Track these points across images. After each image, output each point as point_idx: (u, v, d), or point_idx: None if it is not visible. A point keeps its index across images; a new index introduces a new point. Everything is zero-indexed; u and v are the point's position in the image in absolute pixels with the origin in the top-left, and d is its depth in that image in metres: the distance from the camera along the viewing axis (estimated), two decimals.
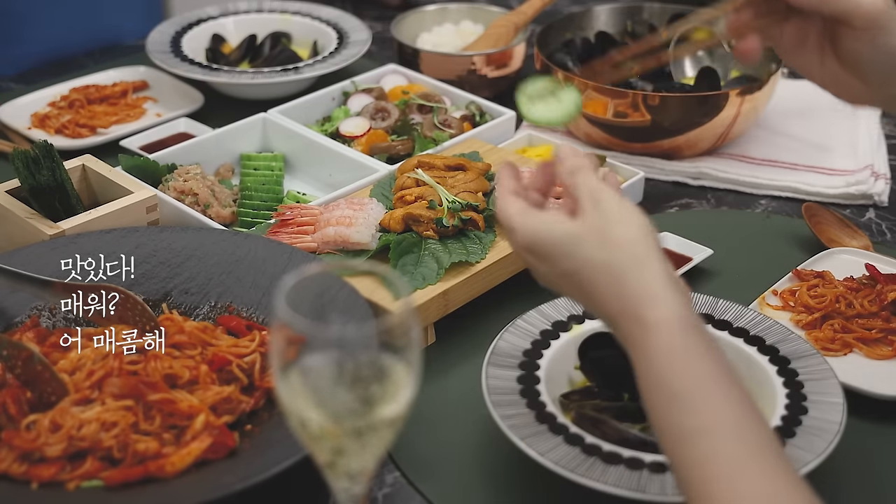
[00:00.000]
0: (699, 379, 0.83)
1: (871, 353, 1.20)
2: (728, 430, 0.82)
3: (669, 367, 0.84)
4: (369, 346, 0.78)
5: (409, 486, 1.06)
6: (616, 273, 0.87)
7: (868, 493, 1.05)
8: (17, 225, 1.29)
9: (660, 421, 0.84)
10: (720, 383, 0.84)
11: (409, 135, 1.59)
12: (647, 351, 0.85)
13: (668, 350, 0.84)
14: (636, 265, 0.87)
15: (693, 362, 0.84)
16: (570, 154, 0.94)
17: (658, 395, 0.84)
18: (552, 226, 0.90)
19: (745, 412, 0.83)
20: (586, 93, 1.58)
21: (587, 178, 0.91)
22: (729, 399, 0.83)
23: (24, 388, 1.04)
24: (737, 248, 1.42)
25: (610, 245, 0.88)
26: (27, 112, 1.72)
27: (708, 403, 0.83)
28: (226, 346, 1.10)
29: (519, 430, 1.01)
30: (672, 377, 0.84)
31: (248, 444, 1.03)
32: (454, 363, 1.21)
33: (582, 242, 0.89)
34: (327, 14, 1.95)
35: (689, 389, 0.83)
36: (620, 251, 0.87)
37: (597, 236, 0.88)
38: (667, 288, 0.86)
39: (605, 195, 0.90)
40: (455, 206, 1.31)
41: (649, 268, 0.87)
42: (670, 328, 0.85)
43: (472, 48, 1.83)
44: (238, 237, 1.26)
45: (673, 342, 0.84)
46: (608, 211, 0.89)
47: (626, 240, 0.88)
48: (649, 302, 0.86)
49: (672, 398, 0.83)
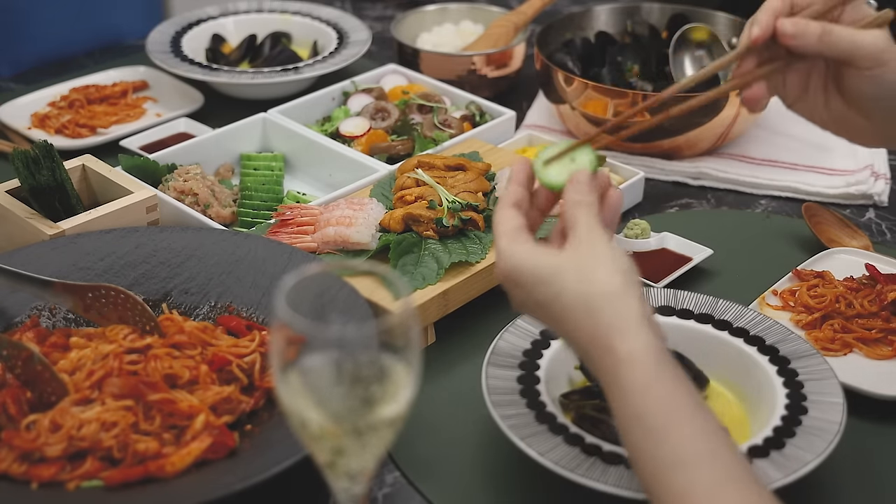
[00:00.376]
0: (673, 411, 0.84)
1: (871, 353, 1.20)
2: (705, 460, 0.82)
3: (643, 399, 0.85)
4: (369, 346, 0.78)
5: (409, 486, 1.06)
6: (591, 306, 0.88)
7: (868, 493, 1.05)
8: (17, 225, 1.29)
9: (636, 452, 0.85)
10: (694, 414, 0.85)
11: (409, 135, 1.59)
12: (620, 382, 0.86)
13: (641, 383, 0.85)
14: (612, 299, 0.88)
15: (666, 394, 0.85)
16: (583, 184, 0.93)
17: (633, 428, 0.85)
18: (536, 256, 0.91)
19: (719, 442, 0.84)
20: (586, 92, 1.58)
21: (588, 216, 0.92)
22: (703, 430, 0.84)
23: (24, 388, 1.04)
24: (737, 248, 1.42)
25: (589, 281, 0.88)
26: (27, 112, 1.72)
27: (684, 435, 0.83)
28: (226, 346, 1.10)
29: (519, 430, 1.01)
30: (646, 411, 0.84)
31: (248, 444, 1.03)
32: (454, 363, 1.21)
33: (561, 273, 0.89)
34: (327, 14, 1.95)
35: (664, 422, 0.84)
36: (598, 287, 0.88)
37: (578, 271, 0.89)
38: (640, 323, 0.87)
39: (597, 236, 0.91)
40: (455, 206, 1.31)
41: (625, 303, 0.88)
42: (641, 360, 0.85)
43: (472, 48, 1.83)
44: (238, 237, 1.26)
45: (645, 375, 0.85)
46: (596, 252, 0.90)
47: (607, 279, 0.88)
48: (621, 334, 0.86)
49: (648, 431, 0.84)
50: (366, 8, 2.25)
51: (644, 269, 1.34)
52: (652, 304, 1.19)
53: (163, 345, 1.08)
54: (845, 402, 1.05)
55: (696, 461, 0.82)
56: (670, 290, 1.21)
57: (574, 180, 0.94)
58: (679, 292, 1.20)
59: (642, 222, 1.41)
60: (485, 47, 1.81)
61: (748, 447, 1.00)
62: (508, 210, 0.95)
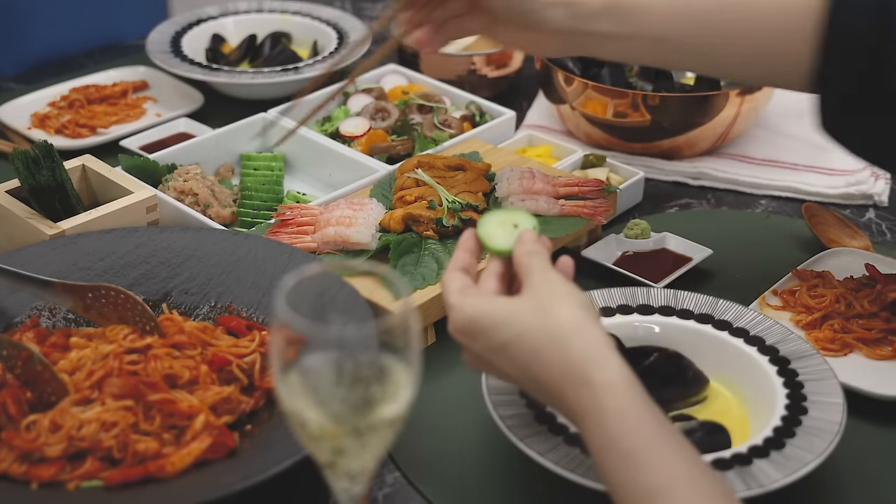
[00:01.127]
0: (651, 437, 0.84)
1: (871, 353, 1.20)
2: (683, 485, 0.82)
3: (621, 427, 0.84)
4: (369, 347, 0.78)
5: (409, 486, 1.06)
6: (557, 337, 0.87)
7: (868, 493, 1.05)
8: (17, 225, 1.29)
9: (614, 480, 0.85)
10: (670, 440, 0.85)
11: (409, 135, 1.59)
12: (599, 413, 0.85)
13: (619, 411, 0.85)
14: (576, 330, 0.88)
15: (643, 421, 0.85)
16: (530, 241, 0.95)
17: (612, 455, 0.85)
18: (491, 302, 0.91)
19: (696, 466, 0.84)
20: (586, 92, 1.58)
21: (540, 262, 0.92)
22: (679, 455, 0.84)
23: (24, 388, 1.04)
24: (737, 248, 1.42)
25: (548, 315, 0.88)
26: (27, 112, 1.72)
27: (662, 461, 0.83)
28: (226, 346, 1.10)
29: (519, 430, 1.01)
30: (625, 438, 0.84)
31: (248, 444, 1.03)
32: (454, 363, 1.21)
33: (521, 313, 0.89)
34: (327, 14, 1.95)
35: (643, 448, 0.84)
36: (559, 320, 0.88)
37: (538, 308, 0.89)
38: (609, 349, 0.87)
39: (553, 277, 0.91)
40: (455, 206, 1.31)
41: (589, 332, 0.88)
42: (618, 389, 0.85)
43: (472, 48, 1.83)
44: (238, 237, 1.26)
45: (623, 403, 0.85)
46: (553, 290, 0.90)
47: (569, 312, 0.88)
48: (595, 364, 0.86)
49: (626, 458, 0.84)
50: (366, 8, 2.25)
51: (644, 269, 1.34)
52: (652, 304, 1.19)
53: (163, 345, 1.08)
54: (845, 402, 1.05)
55: (674, 487, 0.82)
56: (670, 290, 1.21)
57: (521, 239, 0.95)
58: (679, 292, 1.20)
59: (642, 222, 1.41)
60: (485, 47, 1.81)
61: (748, 447, 1.00)
62: (455, 272, 0.95)
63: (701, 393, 1.12)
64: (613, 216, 1.45)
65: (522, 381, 0.91)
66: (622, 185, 1.48)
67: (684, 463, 0.84)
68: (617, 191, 1.43)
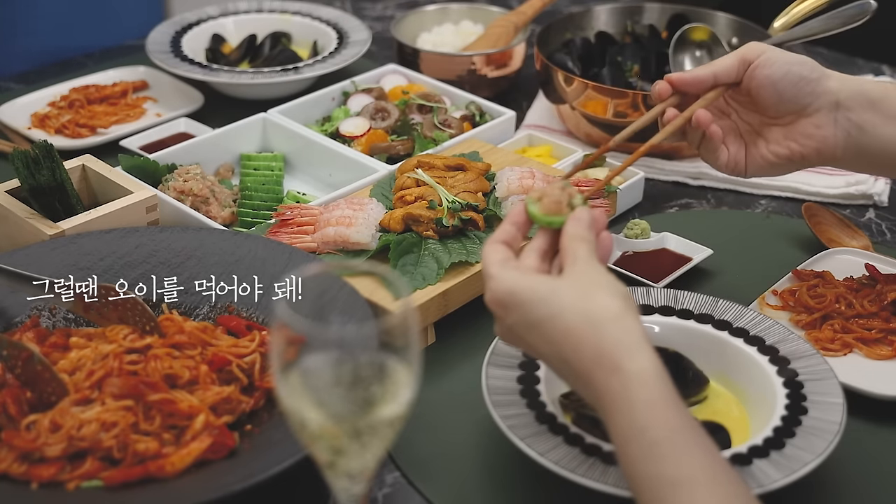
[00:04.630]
0: (677, 429, 0.85)
1: (871, 353, 1.20)
2: (706, 479, 0.83)
3: (651, 417, 0.85)
4: (369, 347, 0.78)
5: (409, 486, 1.06)
6: (594, 321, 0.88)
7: (868, 493, 1.05)
8: (17, 225, 1.29)
9: (637, 470, 0.85)
10: (695, 434, 0.85)
11: (409, 135, 1.59)
12: (630, 401, 0.85)
13: (648, 401, 0.85)
14: (614, 318, 0.88)
15: (671, 413, 0.85)
16: (584, 221, 0.94)
17: (637, 445, 0.85)
18: (533, 277, 0.91)
19: (718, 462, 0.85)
20: (586, 92, 1.58)
21: (588, 251, 0.92)
22: (703, 449, 0.85)
23: (24, 388, 1.04)
24: (737, 248, 1.42)
25: (588, 299, 0.89)
26: (27, 112, 1.72)
27: (687, 453, 0.84)
28: (226, 346, 1.10)
29: (519, 430, 1.01)
30: (653, 427, 0.84)
31: (248, 444, 1.03)
32: (454, 363, 1.21)
33: (560, 292, 0.89)
34: (327, 14, 1.95)
35: (670, 439, 0.84)
36: (598, 306, 0.88)
37: (578, 291, 0.89)
38: (643, 340, 0.88)
39: (595, 267, 0.91)
40: (455, 206, 1.31)
41: (626, 321, 0.88)
42: (649, 379, 0.86)
43: (472, 48, 1.83)
44: (238, 237, 1.26)
45: (652, 394, 0.86)
46: (595, 278, 0.90)
47: (608, 300, 0.89)
48: (629, 353, 0.87)
49: (652, 448, 0.84)
50: (366, 8, 2.25)
51: (644, 269, 1.34)
52: (652, 304, 1.19)
53: (163, 345, 1.08)
54: (845, 402, 1.05)
55: (698, 480, 0.83)
56: (670, 290, 1.21)
57: (576, 217, 0.95)
58: (679, 292, 1.20)
59: (642, 222, 1.41)
60: (485, 47, 1.81)
61: (748, 447, 1.00)
62: (497, 244, 0.95)
63: (701, 393, 1.12)
64: (613, 216, 1.45)
65: (552, 359, 0.91)
66: (622, 185, 1.48)
67: (708, 458, 0.84)
68: (617, 191, 1.43)
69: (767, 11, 1.74)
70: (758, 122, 1.18)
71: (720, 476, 0.84)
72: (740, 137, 1.20)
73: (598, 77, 1.66)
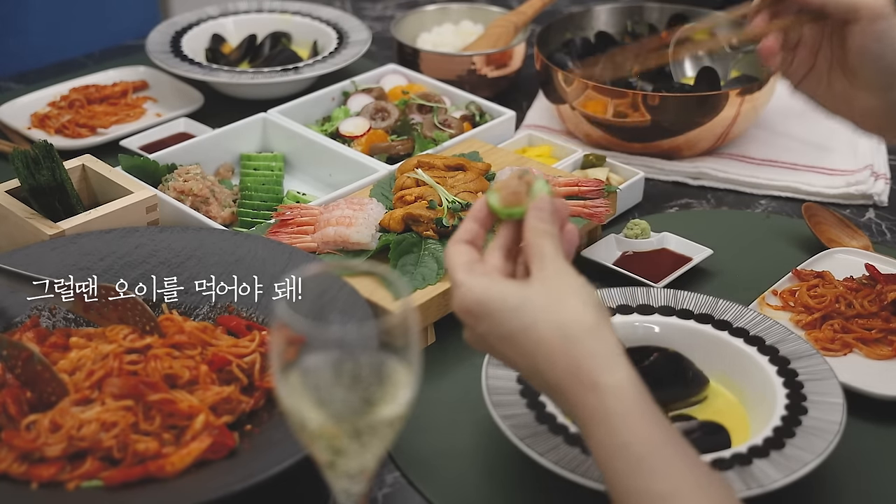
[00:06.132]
0: (660, 443, 0.83)
1: (871, 353, 1.20)
2: (691, 490, 0.82)
3: (631, 432, 0.83)
4: (369, 347, 0.78)
5: (409, 486, 1.06)
6: (567, 335, 0.85)
7: (868, 493, 1.05)
8: (17, 225, 1.29)
9: (623, 486, 0.83)
10: (678, 446, 0.84)
11: (409, 135, 1.59)
12: (607, 417, 0.83)
13: (626, 415, 0.83)
14: (588, 330, 0.85)
15: (650, 427, 0.83)
16: (545, 211, 0.90)
17: (620, 461, 0.83)
18: (501, 287, 0.87)
19: (701, 471, 0.83)
20: (586, 93, 1.58)
21: (553, 246, 0.89)
22: (687, 461, 0.83)
23: (24, 388, 1.04)
24: (737, 248, 1.42)
25: (560, 310, 0.86)
26: (27, 112, 1.72)
27: (672, 467, 0.82)
28: (226, 346, 1.10)
29: (519, 430, 1.01)
30: (635, 442, 0.83)
31: (248, 444, 1.03)
32: (454, 363, 1.21)
33: (531, 303, 0.86)
34: (327, 14, 1.95)
35: (653, 453, 0.82)
36: (571, 317, 0.85)
37: (549, 301, 0.86)
38: (618, 352, 0.85)
39: (564, 268, 0.88)
40: (455, 206, 1.31)
41: (603, 335, 0.85)
42: (626, 394, 0.84)
43: (472, 48, 1.83)
44: (238, 237, 1.26)
45: (630, 407, 0.83)
46: (565, 283, 0.87)
47: (581, 310, 0.86)
48: (605, 366, 0.84)
49: (637, 463, 0.82)
50: (366, 8, 2.25)
51: (644, 269, 1.34)
52: (652, 304, 1.19)
53: (163, 345, 1.08)
54: (845, 402, 1.05)
55: (682, 492, 0.81)
56: (670, 290, 1.21)
57: (536, 206, 0.90)
58: (679, 292, 1.20)
59: (642, 222, 1.41)
60: (485, 47, 1.81)
61: (748, 447, 1.00)
62: (460, 245, 0.91)
63: (701, 393, 1.12)
64: (613, 216, 1.45)
65: (524, 370, 0.89)
66: (622, 185, 1.48)
67: (690, 468, 0.83)
68: (617, 191, 1.43)
69: None
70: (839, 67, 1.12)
71: (704, 485, 0.82)
72: (812, 58, 1.13)
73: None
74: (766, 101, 1.62)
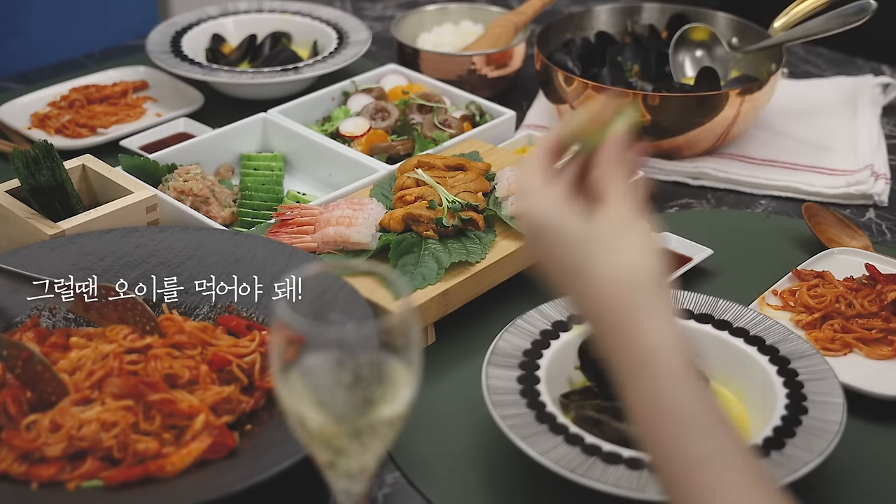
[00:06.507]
0: (706, 406, 0.81)
1: (871, 353, 1.20)
2: (735, 460, 0.79)
3: (677, 389, 0.81)
4: (369, 346, 0.78)
5: (409, 486, 1.06)
6: (626, 287, 0.83)
7: (868, 493, 1.05)
8: (17, 225, 1.29)
9: (660, 447, 0.81)
10: (720, 413, 0.82)
11: (409, 135, 1.59)
12: (654, 370, 0.81)
13: (676, 372, 0.81)
14: (647, 285, 0.83)
15: (698, 388, 0.81)
16: (616, 150, 0.87)
17: (662, 418, 0.81)
18: (564, 216, 0.85)
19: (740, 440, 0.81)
20: (586, 92, 1.58)
21: (621, 187, 0.86)
22: (728, 427, 0.81)
23: (24, 388, 1.04)
24: (737, 248, 1.42)
25: (620, 257, 0.84)
26: (27, 112, 1.72)
27: (714, 430, 0.80)
28: (226, 346, 1.10)
29: (519, 430, 1.01)
30: (679, 401, 0.80)
31: (248, 444, 1.03)
32: (454, 363, 1.21)
33: (593, 244, 0.84)
34: (327, 14, 1.95)
35: (696, 416, 0.80)
36: (630, 264, 0.83)
37: (608, 242, 0.84)
38: (673, 314, 0.83)
39: (626, 208, 0.85)
40: (455, 206, 1.31)
41: (659, 291, 0.83)
42: (677, 350, 0.82)
43: (472, 48, 1.83)
44: (238, 237, 1.26)
45: (680, 365, 0.81)
46: (627, 227, 0.85)
47: (637, 257, 0.84)
48: (656, 322, 0.82)
49: (680, 421, 0.80)
50: (366, 8, 2.25)
51: None
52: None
53: (163, 345, 1.08)
54: (845, 402, 1.05)
55: (726, 460, 0.79)
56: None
57: (611, 142, 0.88)
58: (679, 292, 1.20)
59: None
60: (485, 47, 1.81)
61: None
62: (532, 167, 0.89)
63: None
64: None
65: (574, 305, 0.86)
66: None
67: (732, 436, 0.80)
68: None
69: (767, 11, 1.74)
70: None
71: (748, 458, 0.80)
72: None
73: (598, 77, 1.66)
74: (766, 101, 1.62)
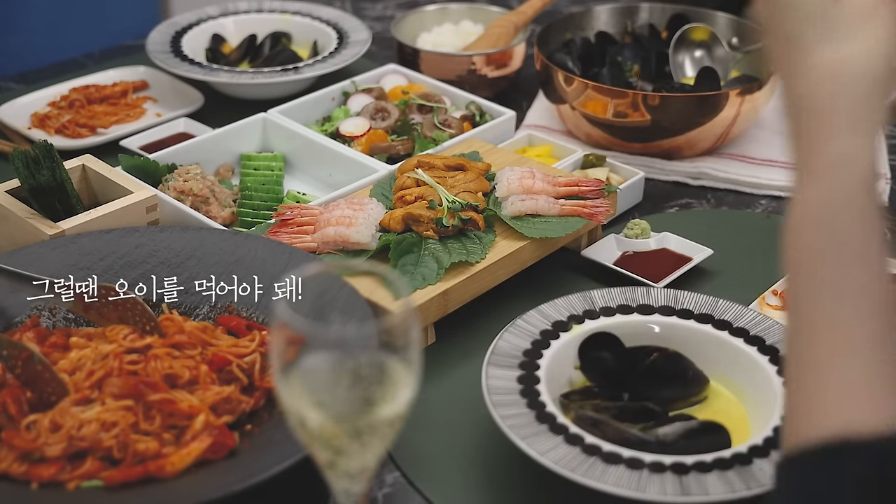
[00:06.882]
0: (878, 228, 0.76)
1: None
2: (880, 291, 0.75)
3: (861, 193, 0.77)
4: (369, 346, 0.78)
5: (409, 486, 1.06)
6: (842, 72, 0.78)
7: None
8: (17, 225, 1.29)
9: (811, 254, 0.79)
10: (882, 244, 0.77)
11: (409, 135, 1.59)
12: (831, 186, 0.78)
13: (863, 179, 0.77)
14: (860, 81, 0.78)
15: (872, 214, 0.77)
16: None
17: (826, 224, 0.78)
18: None
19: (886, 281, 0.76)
20: (586, 92, 1.57)
21: None
22: (883, 264, 0.76)
23: (24, 388, 1.04)
24: (737, 248, 1.42)
25: (854, 42, 0.78)
26: (27, 112, 1.72)
27: (877, 261, 0.76)
28: (226, 346, 1.10)
29: (519, 430, 1.01)
30: (868, 205, 0.77)
31: (248, 444, 1.03)
32: (454, 363, 1.21)
33: (829, 20, 0.80)
34: (327, 14, 1.95)
35: (865, 241, 0.76)
36: (860, 53, 0.78)
37: (846, 25, 0.79)
38: (869, 126, 0.78)
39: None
40: (455, 206, 1.31)
41: (869, 94, 0.78)
42: (868, 160, 0.77)
43: (472, 48, 1.83)
44: (238, 237, 1.26)
45: (867, 174, 0.77)
46: (871, 9, 0.79)
47: (872, 46, 0.79)
48: (851, 129, 0.78)
49: (862, 219, 0.76)
50: (366, 8, 2.25)
51: (644, 269, 1.34)
52: (652, 304, 1.19)
53: (163, 345, 1.08)
54: None
55: (873, 288, 0.75)
56: (670, 290, 1.21)
57: None
58: (679, 292, 1.20)
59: (642, 222, 1.41)
60: (485, 47, 1.81)
61: (748, 447, 1.00)
62: None
63: (701, 393, 1.12)
64: (613, 216, 1.45)
65: (782, 84, 0.83)
66: (622, 185, 1.48)
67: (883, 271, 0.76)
68: (617, 191, 1.43)
69: None
70: None
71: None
72: None
73: (598, 77, 1.66)
74: (766, 101, 1.62)
